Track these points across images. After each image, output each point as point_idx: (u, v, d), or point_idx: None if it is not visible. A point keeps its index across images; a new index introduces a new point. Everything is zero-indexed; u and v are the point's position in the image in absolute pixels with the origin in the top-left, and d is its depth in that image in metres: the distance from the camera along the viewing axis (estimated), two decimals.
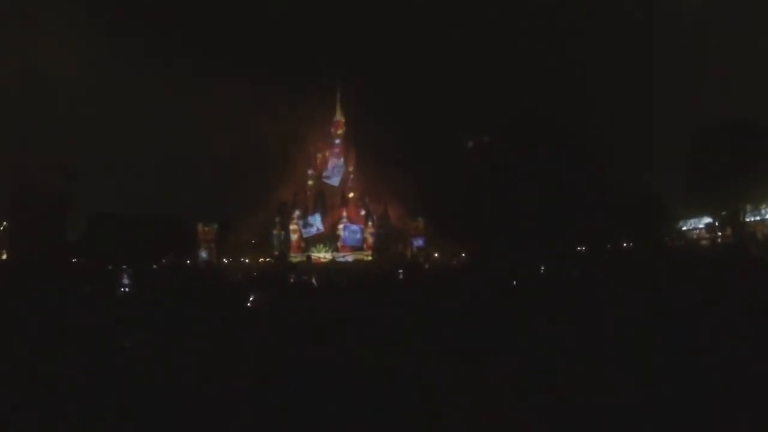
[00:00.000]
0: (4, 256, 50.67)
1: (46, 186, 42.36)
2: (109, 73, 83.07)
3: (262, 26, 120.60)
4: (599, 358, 6.97)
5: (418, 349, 7.28)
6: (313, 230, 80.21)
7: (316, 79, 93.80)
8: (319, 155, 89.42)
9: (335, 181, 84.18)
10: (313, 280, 18.99)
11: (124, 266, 14.61)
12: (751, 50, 64.94)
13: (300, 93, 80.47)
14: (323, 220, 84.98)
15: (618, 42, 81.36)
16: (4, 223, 52.51)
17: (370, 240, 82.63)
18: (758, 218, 52.61)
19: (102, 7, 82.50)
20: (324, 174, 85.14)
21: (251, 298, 11.84)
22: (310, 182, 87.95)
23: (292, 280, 19.88)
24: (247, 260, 75.50)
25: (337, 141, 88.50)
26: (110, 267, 30.05)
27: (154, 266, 38.87)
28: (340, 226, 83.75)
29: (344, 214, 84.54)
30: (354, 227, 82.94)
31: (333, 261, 77.19)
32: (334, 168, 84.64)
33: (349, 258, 79.19)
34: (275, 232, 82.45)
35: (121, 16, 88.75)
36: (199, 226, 76.75)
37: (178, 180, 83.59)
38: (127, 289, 12.73)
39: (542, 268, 19.37)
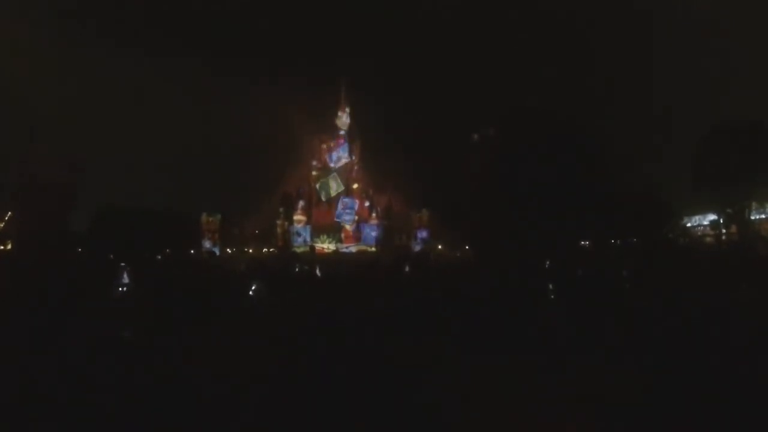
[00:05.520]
0: (9, 246, 50.89)
1: (52, 178, 42.40)
2: (112, 68, 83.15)
3: (266, 19, 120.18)
4: (605, 351, 6.93)
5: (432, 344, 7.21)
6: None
7: (320, 70, 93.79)
8: (323, 146, 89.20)
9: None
10: (317, 272, 18.84)
11: (123, 263, 14.34)
12: (758, 50, 64.51)
13: (305, 84, 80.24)
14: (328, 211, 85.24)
15: (626, 40, 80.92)
16: (9, 213, 52.64)
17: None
18: (763, 216, 52.48)
19: (105, 5, 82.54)
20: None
21: (253, 288, 11.73)
22: (314, 173, 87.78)
23: (297, 269, 19.86)
24: (250, 251, 75.56)
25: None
26: (112, 257, 30.13)
27: (159, 257, 38.93)
28: (345, 217, 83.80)
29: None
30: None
31: (337, 252, 77.15)
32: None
33: (353, 249, 79.15)
34: (279, 222, 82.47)
35: (125, 12, 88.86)
36: (203, 217, 76.88)
37: (182, 172, 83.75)
38: (124, 288, 12.53)
39: (548, 263, 19.23)
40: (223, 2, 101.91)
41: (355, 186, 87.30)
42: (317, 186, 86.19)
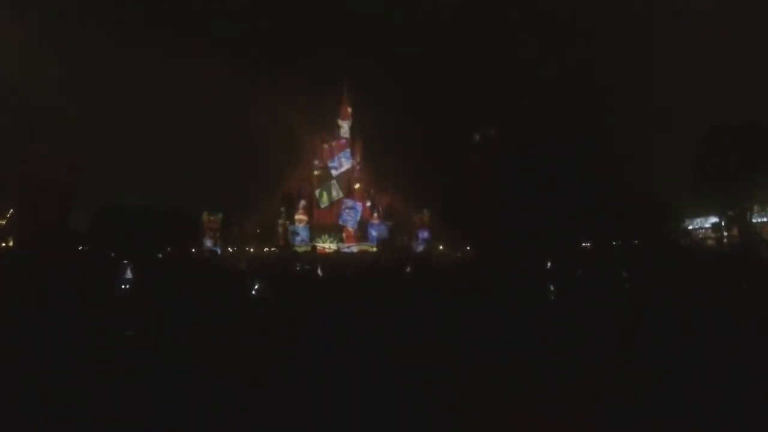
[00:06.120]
0: (11, 243, 50.98)
1: (52, 178, 42.46)
2: (112, 68, 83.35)
3: (266, 19, 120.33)
4: (605, 351, 6.94)
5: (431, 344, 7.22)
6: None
7: (320, 70, 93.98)
8: (325, 146, 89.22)
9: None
10: (319, 271, 18.85)
11: (126, 261, 14.35)
12: (758, 50, 64.60)
13: (305, 84, 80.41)
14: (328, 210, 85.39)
15: (626, 40, 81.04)
16: (11, 210, 52.76)
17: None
18: (764, 219, 52.53)
19: (105, 5, 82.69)
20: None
21: (256, 287, 11.75)
22: (315, 172, 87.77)
23: (297, 268, 19.90)
24: (251, 249, 75.61)
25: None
26: (113, 254, 30.16)
27: (159, 255, 38.96)
28: (348, 218, 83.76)
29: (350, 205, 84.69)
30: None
31: (338, 252, 77.22)
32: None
33: (354, 249, 79.23)
34: (280, 222, 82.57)
35: (125, 12, 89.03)
36: (204, 216, 76.91)
37: (182, 172, 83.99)
38: (127, 286, 12.52)
39: (548, 263, 19.19)
40: (223, 2, 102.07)
41: (357, 186, 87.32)
42: (317, 193, 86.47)
